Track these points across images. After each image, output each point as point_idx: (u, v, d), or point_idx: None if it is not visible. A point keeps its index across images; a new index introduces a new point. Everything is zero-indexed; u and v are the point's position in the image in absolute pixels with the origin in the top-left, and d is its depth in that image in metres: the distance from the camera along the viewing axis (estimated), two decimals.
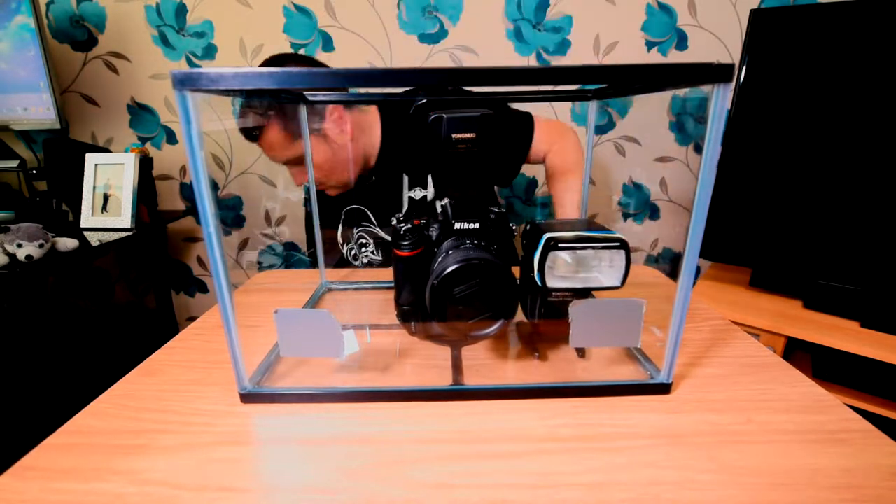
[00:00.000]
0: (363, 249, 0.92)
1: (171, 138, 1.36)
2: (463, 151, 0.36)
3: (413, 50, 1.25)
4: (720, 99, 0.29)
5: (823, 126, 0.93)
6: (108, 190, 1.14)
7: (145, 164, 1.18)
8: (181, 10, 1.24)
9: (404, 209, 0.87)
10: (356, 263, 0.93)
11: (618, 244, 0.36)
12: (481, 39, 1.25)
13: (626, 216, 1.41)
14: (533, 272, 0.38)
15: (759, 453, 0.31)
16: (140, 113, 1.33)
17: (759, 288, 1.10)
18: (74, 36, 1.27)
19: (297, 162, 0.81)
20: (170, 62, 1.28)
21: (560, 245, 0.36)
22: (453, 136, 0.36)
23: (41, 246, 0.89)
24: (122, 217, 1.12)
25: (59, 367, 1.14)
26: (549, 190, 0.93)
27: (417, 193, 0.86)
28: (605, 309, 0.35)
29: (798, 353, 1.02)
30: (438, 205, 0.43)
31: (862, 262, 0.93)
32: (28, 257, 0.87)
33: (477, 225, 0.39)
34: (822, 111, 0.93)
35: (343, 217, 0.92)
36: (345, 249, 0.94)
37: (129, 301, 1.50)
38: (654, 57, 1.25)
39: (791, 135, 0.96)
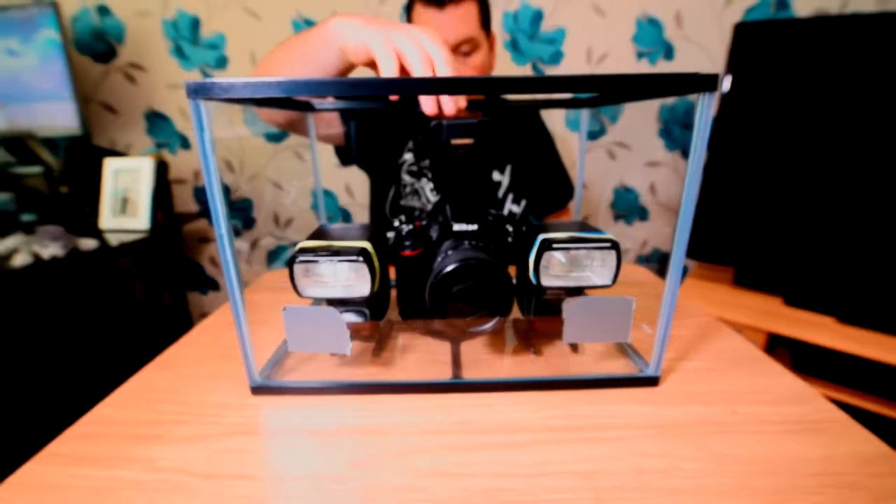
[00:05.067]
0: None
1: (186, 144, 1.36)
2: (461, 157, 0.36)
3: None
4: (706, 107, 0.29)
5: (803, 132, 0.93)
6: (127, 193, 1.14)
7: (161, 168, 1.18)
8: (195, 24, 1.24)
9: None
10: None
11: (609, 245, 0.36)
12: None
13: (617, 218, 1.41)
14: (528, 271, 0.37)
15: (743, 443, 0.31)
16: (156, 121, 1.33)
17: (742, 286, 1.10)
18: (96, 48, 1.27)
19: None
20: (185, 72, 1.28)
21: (554, 245, 0.36)
22: (452, 141, 0.35)
23: (64, 246, 0.89)
24: (139, 219, 1.12)
25: (81, 361, 1.14)
26: None
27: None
28: (597, 306, 0.35)
29: (779, 347, 1.02)
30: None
31: (839, 262, 0.93)
32: (52, 257, 0.87)
33: (475, 227, 0.39)
34: (801, 118, 0.93)
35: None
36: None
37: (147, 298, 1.50)
38: (643, 67, 1.24)
39: (772, 141, 0.96)
